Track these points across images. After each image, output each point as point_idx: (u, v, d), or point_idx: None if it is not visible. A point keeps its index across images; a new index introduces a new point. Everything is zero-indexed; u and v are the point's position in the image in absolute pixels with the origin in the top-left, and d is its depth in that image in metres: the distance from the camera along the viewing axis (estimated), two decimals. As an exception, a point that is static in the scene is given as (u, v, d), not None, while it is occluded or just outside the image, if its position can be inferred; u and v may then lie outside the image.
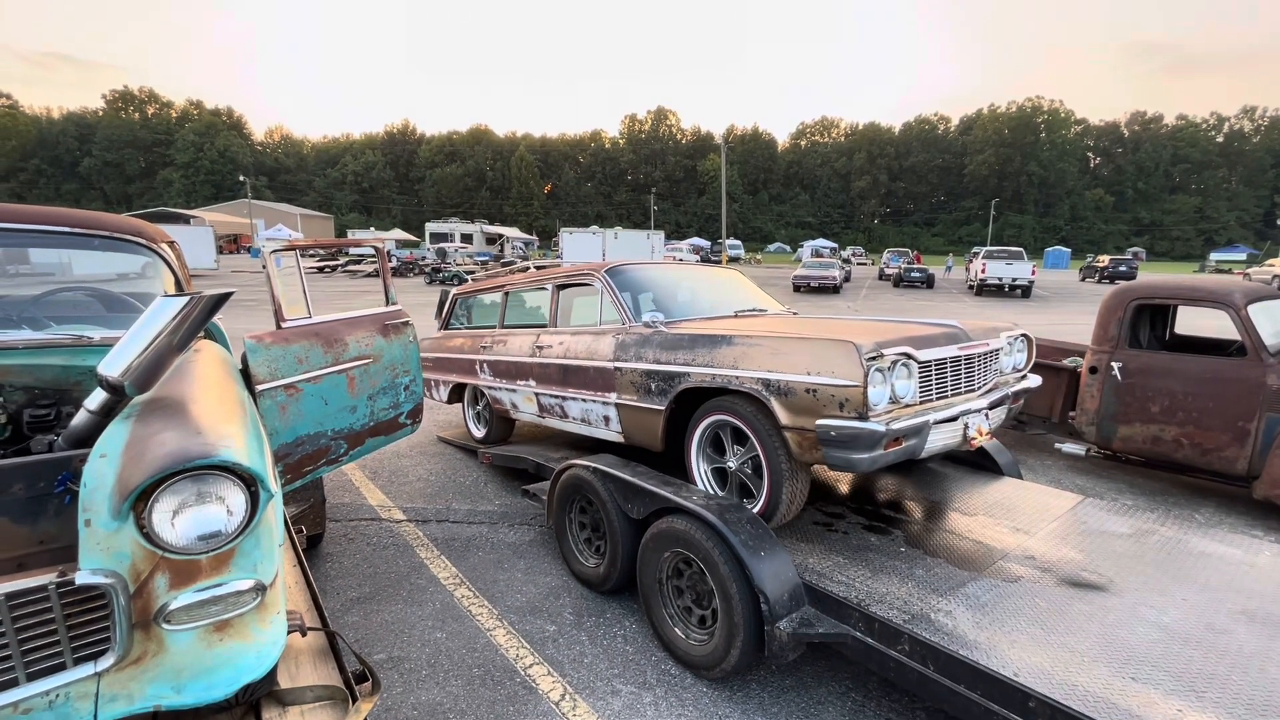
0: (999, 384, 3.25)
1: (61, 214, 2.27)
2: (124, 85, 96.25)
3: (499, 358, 4.64)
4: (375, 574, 3.47)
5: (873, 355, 2.48)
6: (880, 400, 2.52)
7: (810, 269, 25.33)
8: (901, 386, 2.61)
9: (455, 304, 5.64)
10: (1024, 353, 3.47)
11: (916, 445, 2.64)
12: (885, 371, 2.54)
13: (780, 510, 2.84)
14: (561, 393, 4.02)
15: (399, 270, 30.96)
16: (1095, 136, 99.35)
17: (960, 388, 2.96)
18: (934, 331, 2.91)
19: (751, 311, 4.09)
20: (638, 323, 3.61)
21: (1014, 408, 3.37)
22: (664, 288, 4.10)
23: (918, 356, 2.67)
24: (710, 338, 3.10)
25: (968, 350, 2.95)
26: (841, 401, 2.49)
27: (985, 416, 3.01)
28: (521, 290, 4.76)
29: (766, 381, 2.74)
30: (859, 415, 2.46)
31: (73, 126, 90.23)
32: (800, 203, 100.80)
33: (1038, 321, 16.25)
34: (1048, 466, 5.44)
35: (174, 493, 1.26)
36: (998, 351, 3.21)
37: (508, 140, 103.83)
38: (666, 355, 3.27)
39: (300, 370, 2.68)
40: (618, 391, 3.58)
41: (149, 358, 1.52)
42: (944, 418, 2.74)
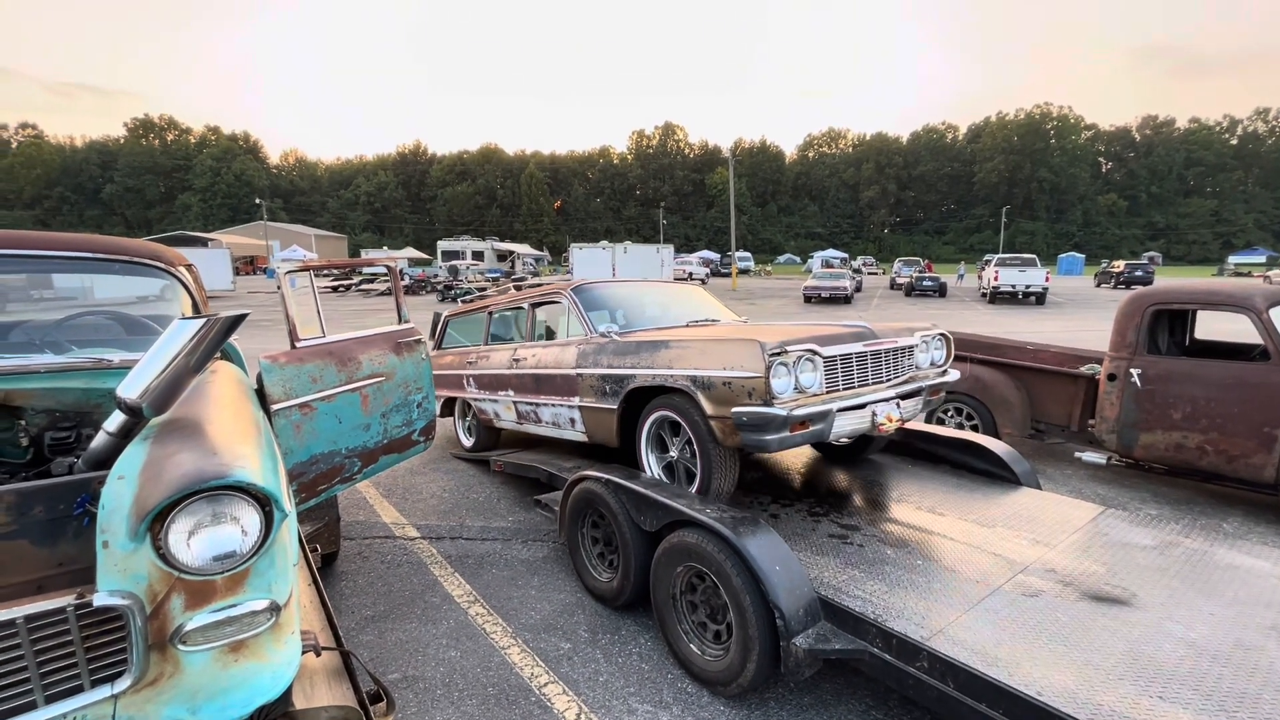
0: (915, 377, 3.61)
1: (82, 240, 2.32)
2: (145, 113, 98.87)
3: (483, 371, 5.06)
4: (389, 592, 3.47)
5: (776, 351, 2.87)
6: (785, 390, 2.90)
7: (821, 280, 25.28)
8: (806, 378, 2.99)
9: (446, 324, 6.07)
10: (942, 350, 3.83)
11: (823, 429, 3.02)
12: (790, 365, 2.92)
13: (714, 489, 3.23)
14: (535, 400, 4.44)
15: (411, 288, 31.27)
16: (1106, 141, 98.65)
17: (867, 380, 3.31)
18: (841, 331, 3.30)
19: (704, 321, 4.46)
20: (596, 334, 4.03)
21: (932, 399, 3.78)
22: (623, 302, 4.51)
23: (822, 352, 3.04)
24: (652, 343, 3.51)
25: (873, 347, 3.31)
26: (750, 391, 2.90)
27: (896, 405, 3.35)
28: (503, 310, 5.23)
29: (694, 378, 3.16)
30: (765, 402, 2.86)
31: (95, 154, 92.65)
32: (809, 214, 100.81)
33: (1054, 328, 16.06)
34: (1068, 476, 5.35)
35: (190, 513, 1.27)
36: (911, 348, 3.57)
37: (518, 158, 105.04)
38: (618, 360, 3.69)
39: (314, 389, 2.71)
40: (580, 395, 4.00)
41: (166, 379, 1.55)
42: (849, 405, 3.11)
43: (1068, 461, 5.67)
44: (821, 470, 4.04)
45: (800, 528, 3.15)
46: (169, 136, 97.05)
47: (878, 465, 4.09)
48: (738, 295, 29.57)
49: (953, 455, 4.06)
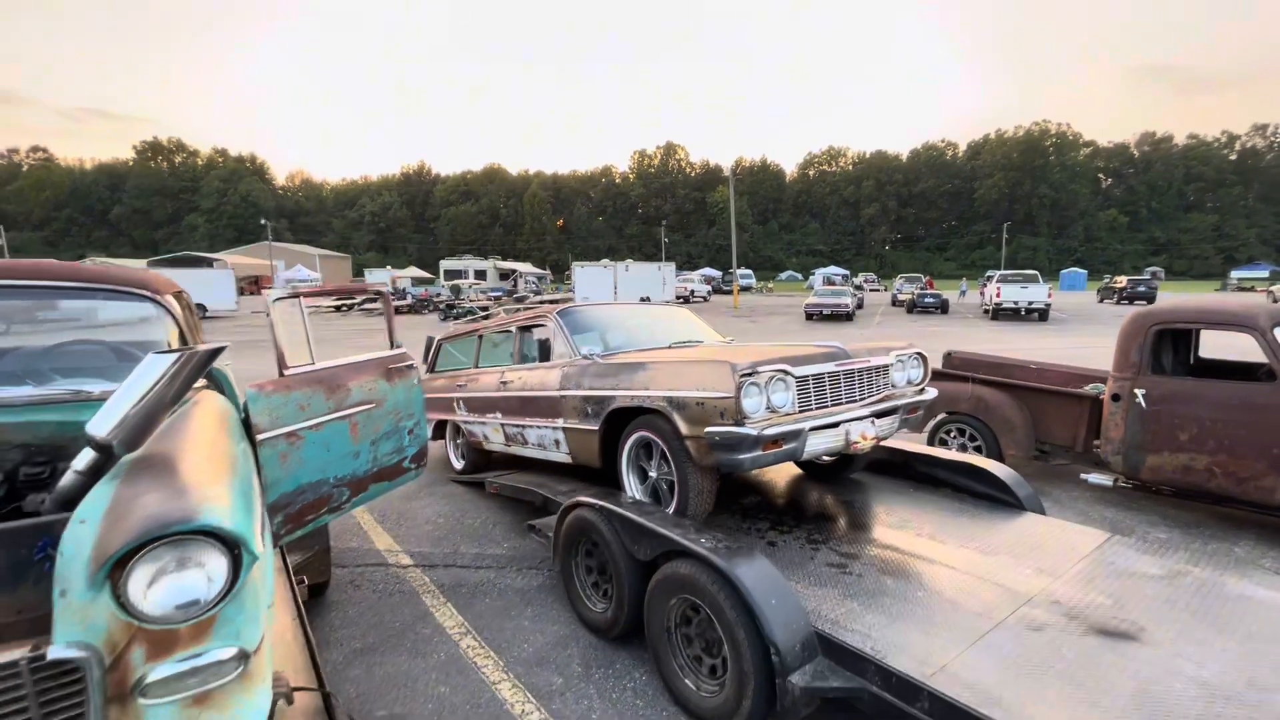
0: (890, 396, 3.62)
1: (68, 270, 2.30)
2: (153, 136, 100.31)
3: (472, 394, 5.12)
4: (380, 623, 3.39)
5: (747, 372, 2.90)
6: (756, 409, 2.93)
7: (822, 297, 25.28)
8: (779, 398, 3.01)
9: (440, 348, 6.14)
10: (919, 368, 3.84)
11: (796, 448, 3.05)
12: (761, 386, 2.95)
13: (690, 509, 3.25)
14: (522, 422, 4.49)
15: (414, 307, 31.39)
16: (1105, 158, 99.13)
17: (841, 399, 3.33)
18: (814, 351, 3.29)
19: (686, 342, 4.52)
20: (579, 356, 4.07)
21: (910, 417, 3.76)
22: (607, 325, 4.61)
23: (794, 372, 3.08)
24: (631, 365, 3.59)
25: (846, 367, 3.34)
26: (722, 411, 2.94)
27: (871, 424, 3.38)
28: (492, 333, 5.28)
29: (669, 398, 3.20)
30: (736, 422, 2.89)
31: (104, 176, 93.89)
32: (810, 231, 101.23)
33: (1057, 345, 15.98)
34: (1074, 498, 5.26)
35: (152, 560, 1.22)
36: (886, 367, 3.60)
37: (520, 178, 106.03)
38: (599, 382, 3.73)
39: (302, 417, 2.66)
40: (563, 417, 4.04)
41: (138, 416, 1.51)
42: (822, 424, 3.13)
43: (1073, 483, 5.57)
44: (821, 495, 3.97)
45: (798, 556, 3.08)
46: (177, 159, 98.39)
47: (878, 489, 4.02)
48: (740, 313, 29.59)
49: (954, 479, 3.99)
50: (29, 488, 1.84)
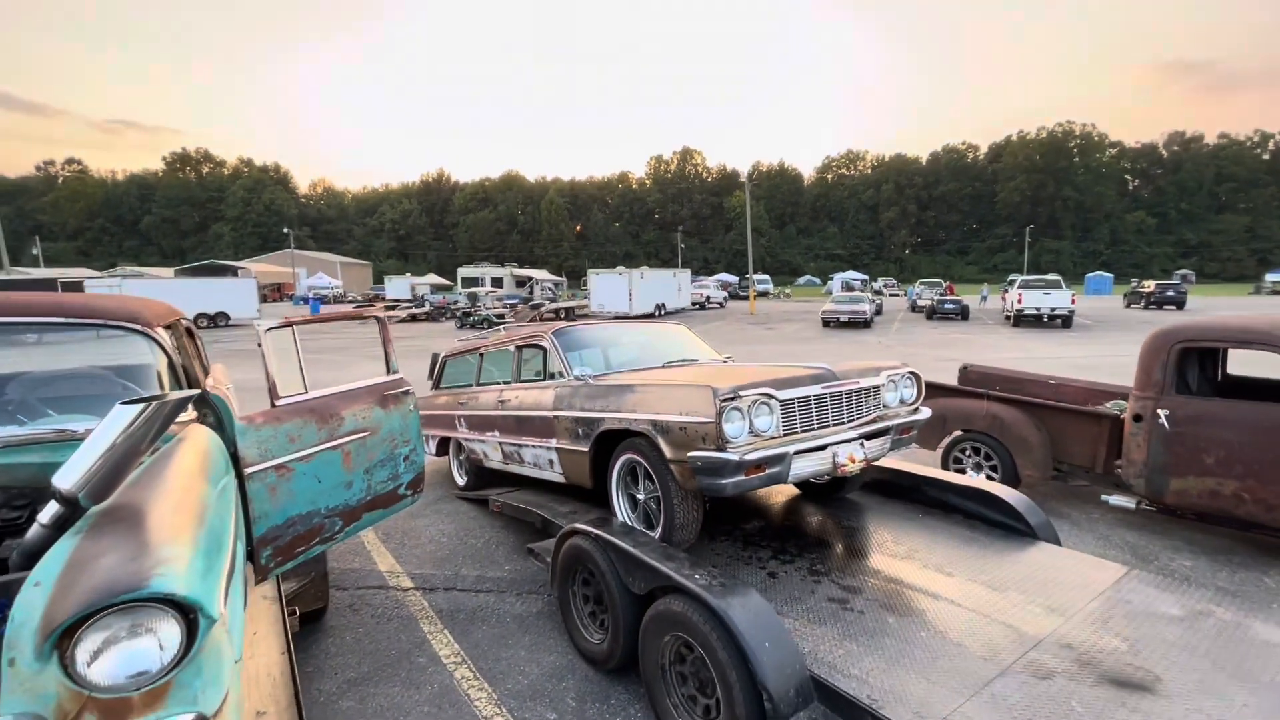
0: (882, 417, 3.55)
1: (51, 304, 2.31)
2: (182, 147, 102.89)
3: (473, 412, 5.17)
4: (376, 650, 3.37)
5: (728, 397, 2.87)
6: (739, 434, 2.89)
7: (839, 304, 25.00)
8: (762, 422, 2.98)
9: (445, 365, 6.17)
10: (912, 388, 3.75)
11: (780, 472, 2.98)
12: (744, 410, 2.91)
13: (676, 535, 3.21)
14: (518, 441, 4.52)
15: (432, 315, 31.68)
16: (1132, 159, 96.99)
17: (828, 421, 3.27)
18: (799, 374, 3.24)
19: (681, 362, 4.48)
20: (571, 376, 4.06)
21: (902, 438, 3.68)
22: (603, 345, 4.64)
23: (778, 396, 3.03)
24: (620, 387, 3.58)
25: (833, 389, 3.28)
26: (704, 435, 2.90)
27: (860, 446, 3.32)
28: (493, 351, 5.26)
29: (654, 422, 3.18)
30: (718, 447, 2.85)
31: (135, 187, 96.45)
32: (829, 235, 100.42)
33: (1080, 354, 15.59)
34: (1094, 521, 5.08)
35: (101, 628, 1.19)
36: (877, 388, 3.52)
37: (538, 185, 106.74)
38: (589, 404, 3.73)
39: (292, 449, 2.65)
40: (556, 437, 4.05)
41: (105, 468, 1.49)
42: (808, 447, 3.08)
43: (1094, 504, 5.39)
44: (827, 521, 3.87)
45: (799, 589, 2.99)
46: (204, 169, 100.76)
47: (886, 515, 3.91)
48: (756, 319, 29.40)
49: (965, 505, 3.86)
50: (5, 533, 1.84)
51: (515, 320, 28.05)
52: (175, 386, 2.60)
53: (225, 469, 2.24)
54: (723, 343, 19.49)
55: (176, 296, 28.28)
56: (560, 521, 3.82)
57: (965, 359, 14.49)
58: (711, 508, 4.02)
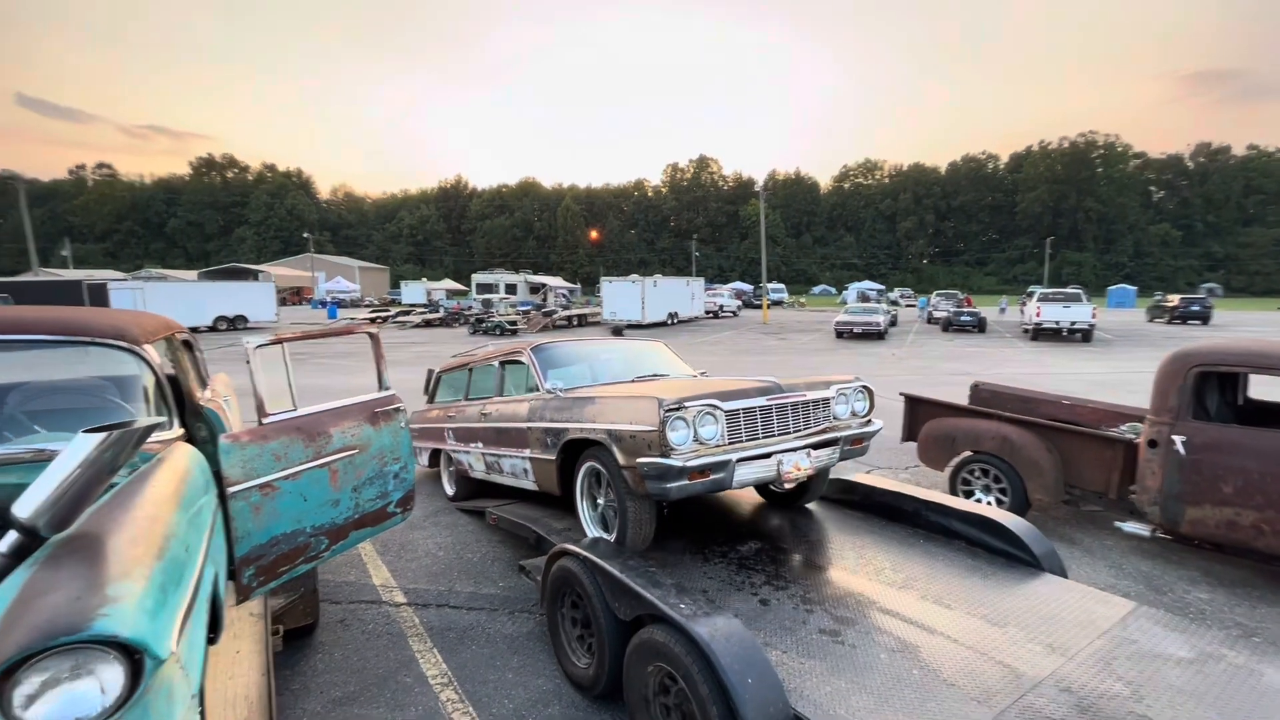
0: (832, 428, 3.72)
1: (38, 321, 2.32)
2: (208, 152, 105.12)
3: (460, 424, 5.37)
4: (364, 668, 3.34)
5: (673, 407, 3.08)
6: (683, 442, 3.10)
7: (853, 315, 24.75)
8: (707, 431, 3.18)
9: (439, 380, 6.42)
10: (864, 401, 3.94)
11: (723, 478, 3.20)
12: (689, 420, 3.12)
13: (629, 537, 3.41)
14: (498, 451, 4.73)
15: (446, 320, 31.90)
16: (1157, 170, 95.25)
17: (774, 432, 3.45)
18: (746, 387, 3.43)
19: (652, 376, 4.76)
20: (544, 390, 4.30)
21: (853, 449, 3.85)
22: (579, 361, 4.86)
23: (723, 407, 3.24)
24: (583, 399, 3.79)
25: (779, 401, 3.47)
26: (649, 443, 3.12)
27: (806, 455, 3.51)
28: (480, 366, 5.49)
29: (609, 431, 3.39)
30: (662, 454, 3.06)
31: (162, 191, 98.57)
32: (845, 244, 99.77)
33: (1099, 370, 15.27)
34: (1107, 548, 4.93)
35: (39, 671, 1.17)
36: (826, 400, 3.71)
37: (555, 191, 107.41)
38: (557, 415, 3.94)
39: (278, 467, 2.63)
40: (530, 447, 4.26)
41: (65, 497, 1.47)
42: (752, 455, 3.27)
43: (1107, 530, 5.23)
44: (826, 545, 3.78)
45: (790, 619, 2.91)
46: (229, 174, 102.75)
47: (887, 540, 3.81)
48: (768, 329, 29.23)
49: (968, 531, 3.75)
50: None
51: (528, 327, 28.16)
52: (162, 401, 2.60)
53: (205, 489, 2.23)
54: (733, 353, 19.38)
55: (197, 299, 28.66)
56: (553, 539, 3.78)
57: (979, 373, 14.27)
58: (708, 527, 3.98)
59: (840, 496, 4.43)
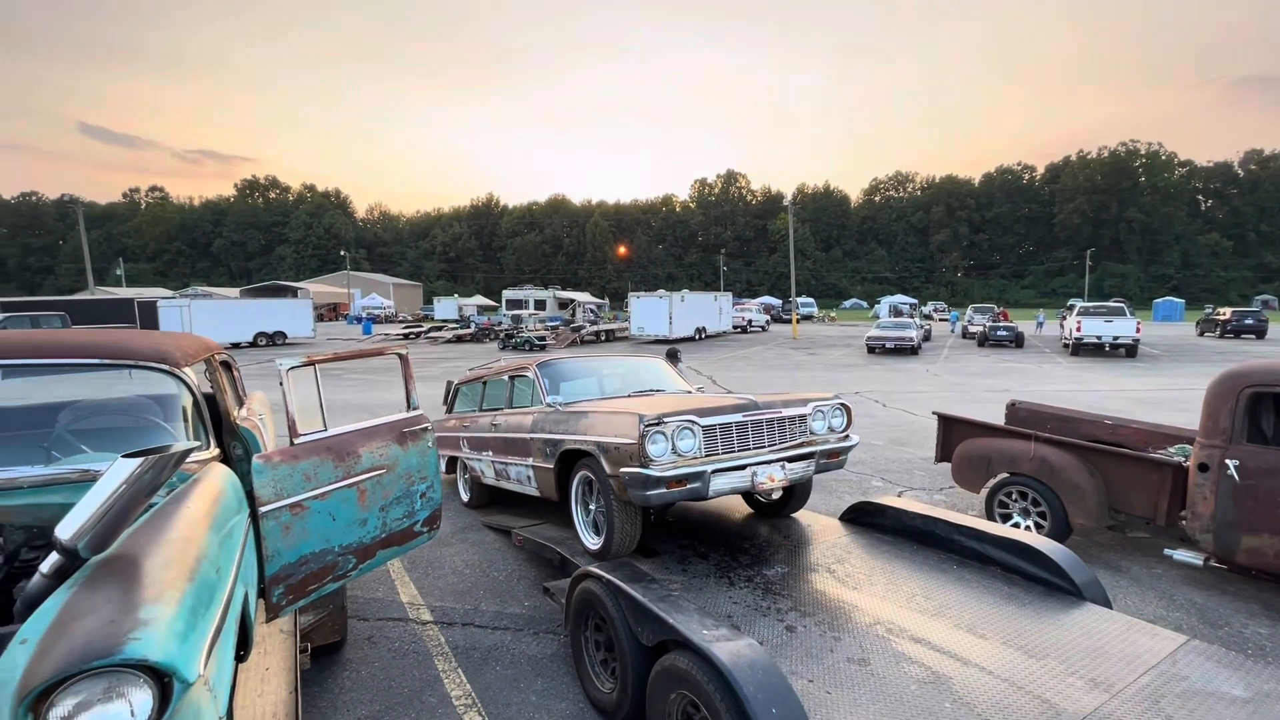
0: (809, 442, 3.96)
1: (84, 345, 2.43)
2: (252, 175, 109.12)
3: (473, 434, 5.71)
4: (389, 687, 3.36)
5: (653, 423, 3.36)
6: (662, 454, 3.39)
7: (885, 330, 24.32)
8: (685, 445, 3.46)
9: (458, 391, 6.83)
10: (841, 417, 4.17)
11: (699, 487, 3.44)
12: (668, 434, 3.41)
13: (615, 540, 3.69)
14: (506, 459, 5.08)
15: (476, 336, 32.40)
16: (1204, 178, 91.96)
17: (749, 445, 3.72)
18: (724, 404, 3.71)
19: (647, 391, 5.09)
20: (545, 403, 4.67)
21: (829, 462, 4.07)
22: (579, 376, 5.22)
23: (700, 423, 3.51)
24: (578, 413, 4.11)
25: (754, 417, 3.73)
26: (631, 455, 3.42)
27: (780, 467, 3.74)
28: (493, 380, 5.87)
29: (598, 443, 3.71)
30: (642, 464, 3.34)
31: (209, 212, 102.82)
32: (876, 258, 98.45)
33: (1143, 387, 14.69)
34: (1156, 577, 4.70)
35: (74, 693, 1.21)
36: (802, 417, 3.96)
37: (583, 208, 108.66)
38: (556, 427, 4.27)
39: (308, 487, 2.69)
40: (532, 456, 4.60)
41: (105, 520, 1.53)
42: (727, 467, 3.53)
43: (1156, 557, 5.00)
44: (856, 570, 3.69)
45: (816, 646, 2.84)
46: (271, 195, 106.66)
47: (918, 565, 3.70)
48: (798, 344, 28.93)
49: (1004, 557, 3.62)
50: (23, 572, 1.91)
51: (556, 342, 28.40)
52: (199, 421, 2.69)
53: (238, 509, 2.29)
54: (762, 368, 19.21)
55: (239, 316, 29.61)
56: (578, 561, 3.77)
57: (1017, 390, 13.86)
58: (732, 550, 3.93)
59: (870, 520, 4.33)
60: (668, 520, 4.64)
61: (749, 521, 4.55)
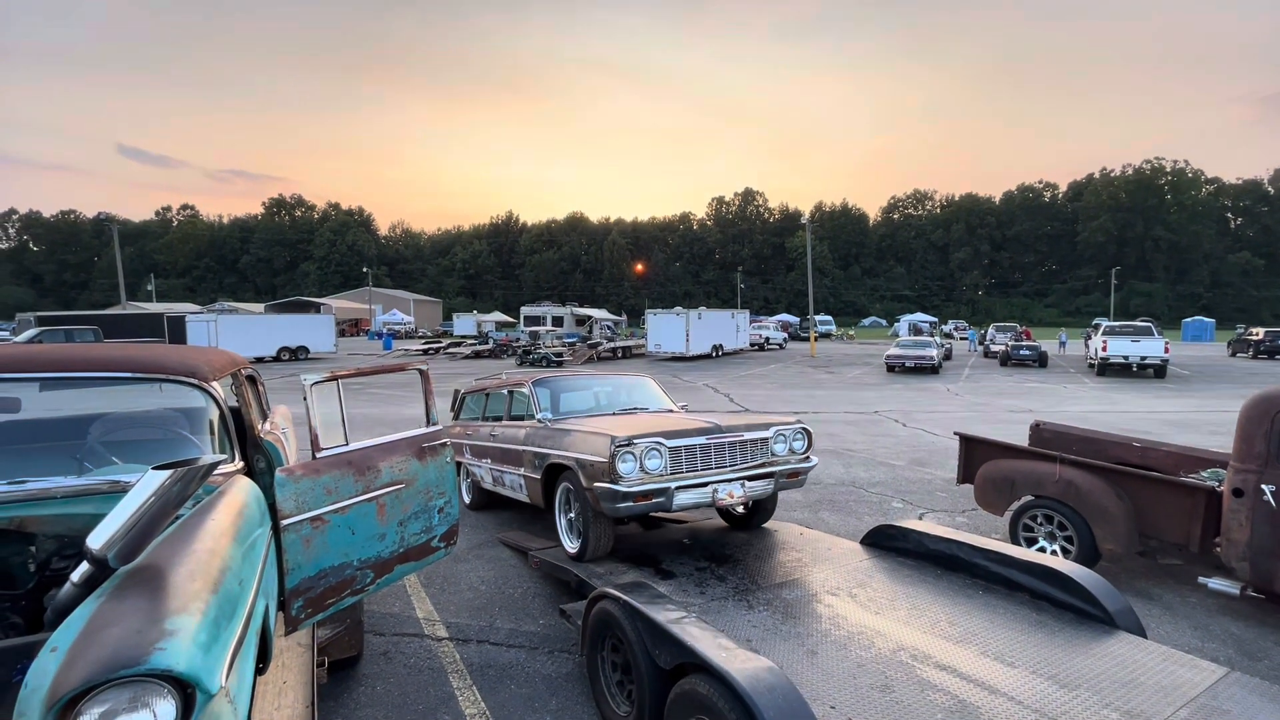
0: (770, 463, 4.35)
1: (120, 359, 2.49)
2: (279, 193, 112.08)
3: (475, 442, 6.11)
4: (404, 704, 3.35)
5: (623, 444, 3.80)
6: (631, 472, 3.83)
7: (905, 349, 24.08)
8: (652, 464, 3.88)
9: (464, 399, 7.19)
10: (802, 440, 4.52)
11: (664, 502, 3.90)
12: (636, 454, 3.83)
13: (590, 546, 4.14)
14: (502, 468, 5.53)
15: (495, 351, 32.66)
16: (1234, 196, 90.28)
17: (711, 465, 4.13)
18: (690, 427, 4.16)
19: (634, 409, 5.49)
20: (536, 418, 5.12)
21: (789, 481, 4.45)
22: (569, 392, 5.72)
23: (667, 444, 3.94)
24: (561, 431, 4.57)
25: (717, 440, 4.15)
26: (603, 471, 3.87)
27: (741, 485, 4.17)
28: (495, 392, 6.35)
29: (577, 459, 4.16)
30: (612, 480, 3.80)
31: (237, 230, 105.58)
32: (895, 276, 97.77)
33: (1172, 409, 14.32)
34: (1191, 606, 4.54)
35: (100, 701, 1.22)
36: (764, 440, 4.33)
37: (601, 225, 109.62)
38: (544, 441, 4.72)
39: (328, 501, 2.71)
40: (523, 467, 5.04)
41: (134, 530, 1.55)
42: (690, 484, 3.98)
43: (1190, 585, 4.83)
44: (877, 594, 3.61)
45: (840, 668, 2.78)
46: (297, 213, 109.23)
47: (944, 590, 3.62)
48: (816, 362, 28.72)
49: (1031, 583, 3.52)
50: (52, 582, 1.95)
51: (573, 358, 28.51)
52: (225, 434, 2.74)
53: (260, 522, 2.32)
54: (780, 386, 19.08)
55: (264, 331, 30.20)
56: (594, 583, 3.74)
57: (1041, 411, 13.59)
58: (751, 572, 3.89)
59: (891, 544, 4.25)
60: (684, 542, 4.59)
61: (767, 544, 4.49)
